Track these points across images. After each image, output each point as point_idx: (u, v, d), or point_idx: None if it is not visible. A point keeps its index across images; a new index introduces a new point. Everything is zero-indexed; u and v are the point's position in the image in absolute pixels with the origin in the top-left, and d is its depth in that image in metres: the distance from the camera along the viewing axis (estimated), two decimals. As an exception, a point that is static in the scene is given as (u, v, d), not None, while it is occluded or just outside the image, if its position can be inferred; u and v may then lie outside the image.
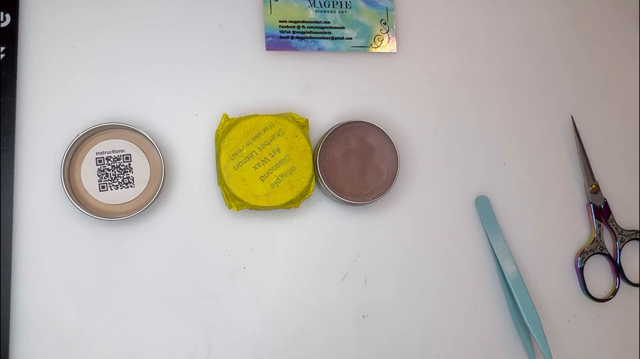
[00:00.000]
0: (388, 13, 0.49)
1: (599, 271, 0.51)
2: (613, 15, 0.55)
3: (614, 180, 0.53)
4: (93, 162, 0.42)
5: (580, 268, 0.50)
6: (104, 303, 0.43)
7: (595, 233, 0.51)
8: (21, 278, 0.42)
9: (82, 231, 0.43)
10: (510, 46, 0.52)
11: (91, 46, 0.45)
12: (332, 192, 0.43)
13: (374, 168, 0.44)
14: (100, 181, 0.42)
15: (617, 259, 0.51)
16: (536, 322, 0.47)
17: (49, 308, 0.42)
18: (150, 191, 0.43)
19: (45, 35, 0.44)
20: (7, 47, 0.43)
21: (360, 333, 0.47)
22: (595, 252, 0.50)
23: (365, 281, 0.47)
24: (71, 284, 0.43)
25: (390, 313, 0.47)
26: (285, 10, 0.48)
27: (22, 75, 0.43)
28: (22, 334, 0.42)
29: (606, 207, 0.51)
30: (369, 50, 0.49)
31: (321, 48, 0.48)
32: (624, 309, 0.51)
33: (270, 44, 0.47)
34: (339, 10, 0.49)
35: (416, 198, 0.48)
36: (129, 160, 0.43)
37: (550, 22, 0.54)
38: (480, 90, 0.51)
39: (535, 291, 0.50)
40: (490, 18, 0.52)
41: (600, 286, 0.51)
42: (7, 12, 0.43)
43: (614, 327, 0.50)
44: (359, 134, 0.44)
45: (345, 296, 0.47)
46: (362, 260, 0.47)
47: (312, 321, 0.46)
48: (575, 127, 0.52)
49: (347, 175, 0.44)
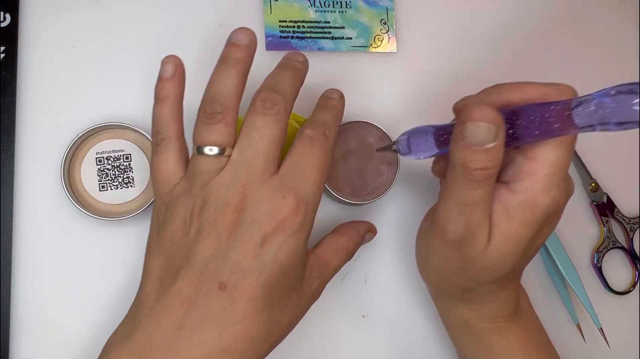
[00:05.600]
0: (388, 13, 0.49)
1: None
2: (613, 15, 0.55)
3: (611, 174, 0.53)
4: (93, 161, 0.42)
5: (598, 267, 0.50)
6: (104, 303, 0.43)
7: (605, 229, 0.51)
8: (21, 278, 0.42)
9: (82, 231, 0.43)
10: (510, 46, 0.52)
11: (91, 46, 0.45)
12: (333, 192, 0.43)
13: (374, 168, 0.44)
14: (101, 181, 0.42)
15: (631, 248, 0.52)
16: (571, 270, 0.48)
17: (49, 308, 0.42)
18: (151, 191, 0.43)
19: (46, 35, 0.44)
20: (7, 47, 0.43)
21: (360, 333, 0.47)
22: (609, 248, 0.51)
23: (365, 281, 0.47)
24: (71, 284, 0.43)
25: (390, 313, 0.47)
26: (285, 10, 0.48)
27: (22, 75, 0.43)
28: (22, 334, 0.42)
29: (609, 202, 0.51)
30: (369, 50, 0.49)
31: (321, 48, 0.48)
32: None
33: (270, 44, 0.47)
34: (339, 10, 0.49)
35: (416, 198, 0.48)
36: (129, 160, 0.43)
37: (550, 22, 0.54)
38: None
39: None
40: (490, 18, 0.52)
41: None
42: (7, 12, 0.43)
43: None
44: (359, 134, 0.44)
45: (345, 296, 0.47)
46: (362, 260, 0.47)
47: (312, 321, 0.46)
48: None
49: (347, 175, 0.44)
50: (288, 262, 0.32)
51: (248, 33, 0.36)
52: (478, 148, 0.30)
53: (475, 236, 0.34)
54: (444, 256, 0.36)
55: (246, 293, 0.31)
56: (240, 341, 0.31)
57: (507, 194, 0.33)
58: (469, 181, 0.32)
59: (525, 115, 0.30)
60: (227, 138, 0.33)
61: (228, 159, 0.33)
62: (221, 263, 0.31)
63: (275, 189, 0.32)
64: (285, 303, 0.34)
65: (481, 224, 0.33)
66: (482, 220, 0.33)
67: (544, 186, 0.32)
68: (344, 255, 0.39)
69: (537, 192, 0.32)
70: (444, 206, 0.34)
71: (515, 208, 0.33)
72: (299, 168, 0.33)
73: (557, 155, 0.32)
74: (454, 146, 0.32)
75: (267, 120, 0.33)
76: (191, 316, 0.31)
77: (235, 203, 0.32)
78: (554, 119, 0.29)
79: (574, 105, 0.28)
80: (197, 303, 0.31)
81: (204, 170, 0.33)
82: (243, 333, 0.31)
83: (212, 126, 0.33)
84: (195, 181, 0.33)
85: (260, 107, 0.34)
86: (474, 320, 0.40)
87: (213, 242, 0.32)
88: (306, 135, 0.35)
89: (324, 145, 0.35)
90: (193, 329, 0.31)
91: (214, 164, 0.33)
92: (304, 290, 0.35)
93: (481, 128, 0.30)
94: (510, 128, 0.31)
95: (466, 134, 0.31)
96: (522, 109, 0.31)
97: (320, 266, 0.37)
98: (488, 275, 0.36)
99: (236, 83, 0.35)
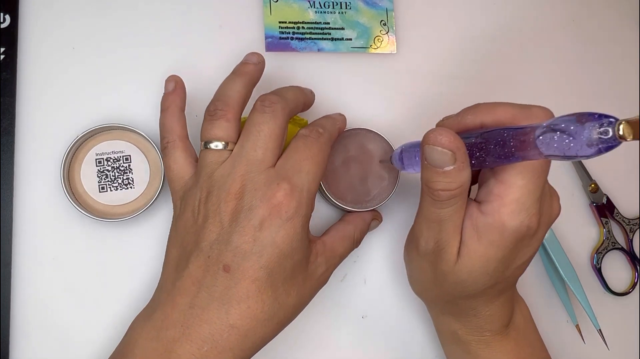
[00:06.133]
0: (388, 14, 0.49)
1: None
2: (613, 15, 0.55)
3: (610, 175, 0.53)
4: (93, 162, 0.42)
5: (598, 268, 0.51)
6: (104, 304, 0.43)
7: (605, 230, 0.51)
8: (21, 279, 0.42)
9: (82, 232, 0.43)
10: (509, 46, 0.52)
11: (91, 47, 0.45)
12: (335, 201, 0.43)
13: (375, 174, 0.44)
14: (100, 182, 0.42)
15: (631, 249, 0.52)
16: (571, 272, 0.48)
17: (49, 309, 0.42)
18: (150, 192, 0.43)
19: (45, 36, 0.44)
20: (6, 48, 0.43)
21: (359, 334, 0.47)
22: (609, 249, 0.51)
23: (365, 281, 0.47)
24: (71, 284, 0.43)
25: (389, 314, 0.47)
26: (285, 11, 0.48)
27: (21, 76, 0.43)
28: (22, 335, 0.42)
29: (609, 203, 0.52)
30: (369, 51, 0.49)
31: (321, 49, 0.48)
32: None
33: (270, 45, 0.47)
34: (339, 11, 0.49)
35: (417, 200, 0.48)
36: (129, 161, 0.43)
37: (550, 22, 0.54)
38: (480, 90, 0.51)
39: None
40: (490, 18, 0.52)
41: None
42: (7, 13, 0.43)
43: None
44: (358, 140, 0.44)
45: (344, 297, 0.47)
46: (361, 261, 0.47)
47: (312, 321, 0.46)
48: None
49: (348, 182, 0.44)
50: (287, 246, 0.34)
51: (258, 55, 0.41)
52: (438, 170, 0.32)
53: (444, 252, 0.35)
54: (421, 267, 0.39)
55: (248, 274, 0.34)
56: (245, 319, 0.34)
57: (477, 214, 0.34)
58: (433, 200, 0.34)
59: (492, 138, 0.31)
60: (229, 132, 0.37)
61: (230, 153, 0.36)
62: (224, 246, 0.34)
63: (271, 177, 0.35)
64: (291, 285, 0.35)
65: (450, 240, 0.35)
66: (452, 236, 0.35)
67: (511, 211, 0.33)
68: (350, 243, 0.41)
69: (504, 215, 0.33)
70: (417, 221, 0.37)
71: (483, 229, 0.34)
72: (293, 160, 0.36)
73: (525, 180, 0.33)
74: (421, 165, 0.34)
75: (265, 117, 0.36)
76: (201, 296, 0.34)
77: (235, 191, 0.35)
78: (516, 144, 0.29)
79: (538, 133, 0.27)
80: (206, 284, 0.34)
81: (208, 163, 0.36)
82: (248, 311, 0.34)
83: (214, 122, 0.37)
84: (202, 174, 0.37)
85: (259, 106, 0.37)
86: (462, 331, 0.41)
87: (217, 228, 0.34)
88: (300, 134, 0.38)
89: (318, 140, 0.37)
90: (202, 308, 0.33)
91: (217, 157, 0.36)
92: (310, 274, 0.37)
93: (436, 152, 0.32)
94: (479, 150, 0.31)
95: (426, 156, 0.33)
96: (489, 132, 0.31)
97: (326, 252, 0.39)
98: (461, 290, 0.37)
99: (240, 89, 0.38)
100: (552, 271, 0.50)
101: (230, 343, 0.33)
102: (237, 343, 0.33)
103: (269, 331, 0.35)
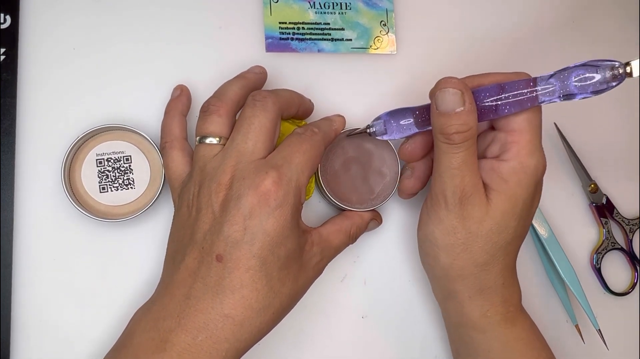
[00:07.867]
0: (388, 14, 0.49)
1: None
2: (613, 15, 0.55)
3: (610, 176, 0.53)
4: (93, 163, 0.42)
5: (597, 268, 0.51)
6: (104, 305, 0.43)
7: (604, 230, 0.51)
8: (21, 279, 0.42)
9: (82, 233, 0.43)
10: (509, 47, 0.52)
11: (91, 48, 0.45)
12: (341, 204, 0.43)
13: (376, 171, 0.44)
14: (101, 182, 0.42)
15: (631, 249, 0.52)
16: (571, 274, 0.49)
17: (49, 309, 0.42)
18: (151, 192, 0.43)
19: (46, 36, 0.44)
20: (7, 48, 0.43)
21: (360, 333, 0.47)
22: (608, 249, 0.51)
23: (365, 282, 0.47)
24: (71, 285, 0.43)
25: (389, 314, 0.47)
26: (285, 11, 0.48)
27: (22, 77, 0.43)
28: (22, 335, 0.42)
29: (608, 203, 0.52)
30: (369, 51, 0.49)
31: (321, 49, 0.48)
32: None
33: (270, 46, 0.47)
34: (339, 12, 0.49)
35: (416, 198, 0.48)
36: (130, 162, 0.43)
37: (550, 22, 0.54)
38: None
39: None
40: (489, 19, 0.52)
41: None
42: (8, 13, 0.43)
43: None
44: (355, 141, 0.44)
45: (344, 297, 0.47)
46: (361, 261, 0.47)
47: (312, 321, 0.46)
48: (560, 132, 0.51)
49: (351, 183, 0.44)
50: (278, 233, 0.35)
51: (260, 67, 0.43)
52: (451, 113, 0.36)
53: (473, 197, 0.37)
54: (450, 227, 0.39)
55: (241, 263, 0.34)
56: (240, 308, 0.34)
57: (498, 164, 0.38)
58: (449, 146, 0.37)
59: (507, 88, 0.37)
60: (221, 127, 0.38)
61: (223, 147, 0.37)
62: (217, 236, 0.35)
63: (259, 167, 0.35)
64: (285, 274, 0.36)
65: (476, 185, 0.38)
66: (475, 181, 0.38)
67: (529, 151, 0.38)
68: (346, 237, 0.42)
69: (525, 156, 0.38)
70: (437, 176, 0.38)
71: (508, 173, 0.38)
72: (284, 153, 0.37)
73: (532, 124, 0.38)
74: (432, 117, 0.37)
75: (255, 110, 0.37)
76: (196, 287, 0.34)
77: (225, 182, 0.35)
78: (518, 94, 0.36)
79: (539, 82, 0.36)
80: (201, 274, 0.34)
81: (200, 157, 0.37)
82: (242, 301, 0.34)
83: (207, 117, 0.38)
84: (195, 168, 0.38)
85: (250, 101, 0.38)
86: (490, 311, 0.40)
87: (209, 219, 0.35)
88: (295, 131, 0.39)
89: (312, 137, 0.38)
90: (198, 298, 0.34)
91: (209, 150, 0.37)
92: (305, 263, 0.38)
93: (448, 94, 0.36)
94: (493, 100, 0.37)
95: (438, 103, 0.36)
96: (499, 86, 0.37)
97: (321, 243, 0.39)
98: (496, 240, 0.38)
99: (236, 89, 0.39)
100: (552, 271, 0.50)
101: (226, 333, 0.34)
102: (232, 333, 0.34)
103: (265, 321, 0.35)
